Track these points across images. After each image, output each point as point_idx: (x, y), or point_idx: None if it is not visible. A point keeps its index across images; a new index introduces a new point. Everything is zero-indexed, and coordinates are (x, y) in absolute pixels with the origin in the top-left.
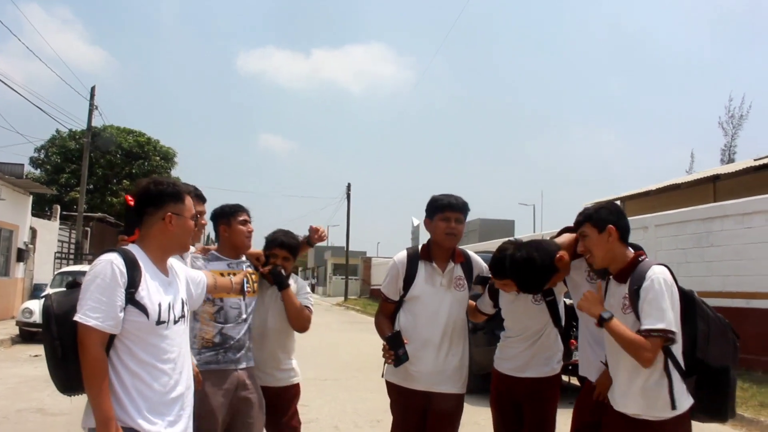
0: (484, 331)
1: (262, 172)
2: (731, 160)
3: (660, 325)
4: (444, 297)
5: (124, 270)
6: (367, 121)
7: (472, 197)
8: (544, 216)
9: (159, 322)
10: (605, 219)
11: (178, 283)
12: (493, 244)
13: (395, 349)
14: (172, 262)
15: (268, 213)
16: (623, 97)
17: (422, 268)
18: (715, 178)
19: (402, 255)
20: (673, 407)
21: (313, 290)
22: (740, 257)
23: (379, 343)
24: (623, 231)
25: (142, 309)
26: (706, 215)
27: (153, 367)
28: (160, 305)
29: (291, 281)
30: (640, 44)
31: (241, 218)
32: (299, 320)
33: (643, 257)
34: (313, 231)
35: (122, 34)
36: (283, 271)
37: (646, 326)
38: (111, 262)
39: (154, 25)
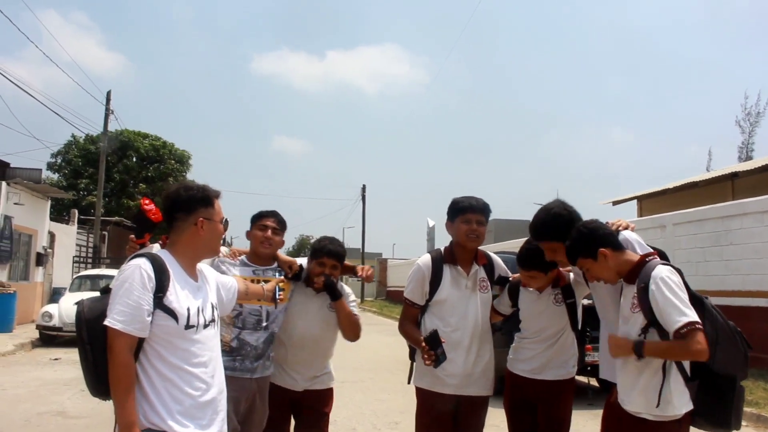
0: (502, 332)
1: (277, 175)
2: (749, 158)
3: (683, 320)
4: (470, 299)
5: (152, 274)
6: (382, 121)
7: (487, 197)
8: None
9: (188, 327)
10: (590, 246)
11: (208, 288)
12: (508, 245)
13: (434, 349)
14: (202, 266)
15: (284, 215)
16: (639, 95)
17: (447, 271)
18: (734, 176)
19: (426, 259)
20: (682, 405)
21: None
22: (760, 255)
23: (396, 344)
24: (611, 241)
25: (171, 313)
26: (724, 213)
27: (184, 371)
28: (189, 309)
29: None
30: (656, 42)
31: (261, 223)
32: (353, 330)
33: (650, 258)
34: (361, 270)
35: (138, 38)
36: (334, 281)
37: (672, 329)
38: (139, 266)
39: (170, 29)
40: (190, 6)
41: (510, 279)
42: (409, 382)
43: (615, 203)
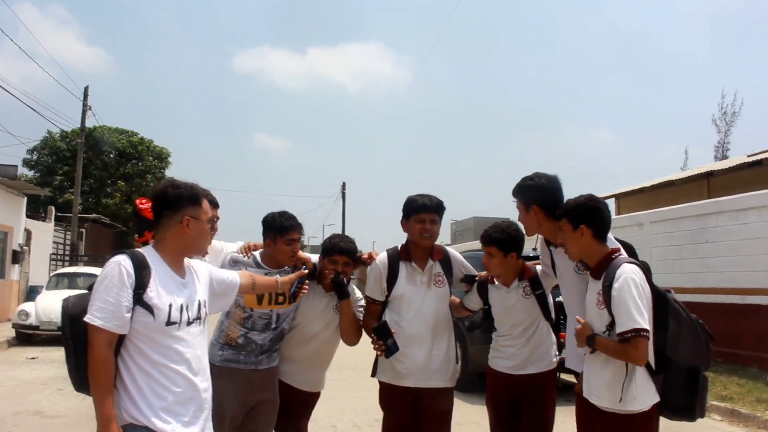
0: (482, 329)
1: (257, 171)
2: (725, 157)
3: (630, 326)
4: (426, 294)
5: (132, 271)
6: (363, 119)
7: (467, 195)
8: None
9: (169, 323)
10: (579, 217)
11: (196, 284)
12: None
13: (383, 340)
14: (195, 263)
15: (263, 212)
16: (618, 94)
17: (403, 268)
18: (709, 175)
19: (383, 256)
20: (648, 398)
21: None
22: (735, 253)
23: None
24: (599, 229)
25: (150, 309)
26: (700, 212)
27: (166, 367)
28: (170, 306)
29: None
30: (635, 43)
31: (288, 237)
32: (353, 335)
33: (617, 254)
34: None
35: (117, 33)
36: (345, 280)
37: (619, 331)
38: (119, 263)
39: (150, 24)
40: (173, 1)
41: (477, 277)
42: (372, 375)
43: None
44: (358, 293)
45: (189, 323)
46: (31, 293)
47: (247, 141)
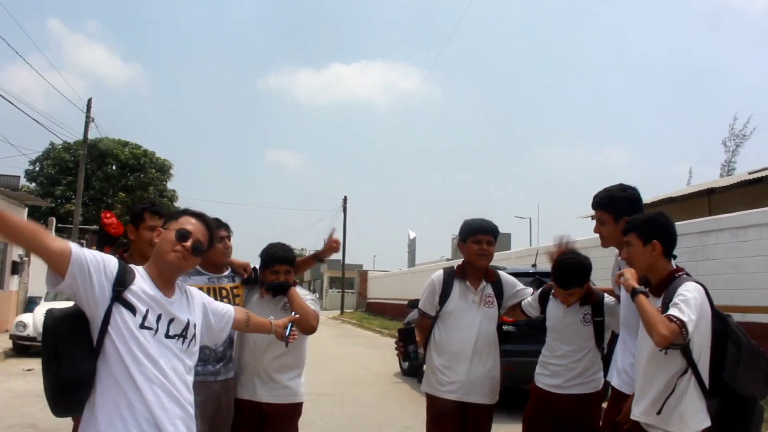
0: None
1: (260, 186)
2: (729, 176)
3: (680, 316)
4: (476, 313)
5: (115, 268)
6: (364, 134)
7: (469, 211)
8: (540, 229)
9: (143, 326)
10: (652, 232)
11: (185, 305)
12: None
13: (406, 345)
14: (192, 289)
15: (265, 226)
16: (626, 111)
17: (456, 285)
18: (710, 192)
19: (439, 273)
20: (698, 421)
21: None
22: (735, 271)
23: (376, 357)
24: (668, 245)
25: (130, 308)
26: (701, 228)
27: (139, 376)
28: (147, 311)
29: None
30: (644, 59)
31: (217, 235)
32: (305, 321)
33: (680, 274)
34: (330, 245)
35: (144, 52)
36: (277, 282)
37: (669, 313)
38: (107, 257)
39: (177, 43)
40: (194, 18)
41: (545, 285)
42: (419, 382)
43: (593, 218)
44: (303, 290)
45: (168, 336)
46: (30, 304)
47: (252, 155)
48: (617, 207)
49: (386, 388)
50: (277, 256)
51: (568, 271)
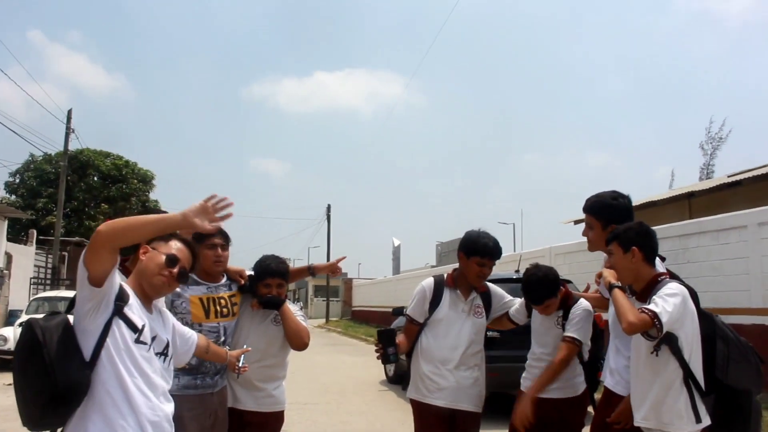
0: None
1: (245, 195)
2: (708, 179)
3: (652, 307)
4: (464, 322)
5: (118, 283)
6: (348, 142)
7: (453, 217)
8: (524, 235)
9: (139, 341)
10: (631, 240)
11: (162, 324)
12: None
13: (385, 346)
14: (164, 309)
15: (249, 235)
16: (608, 115)
17: (447, 294)
18: (690, 195)
19: (430, 281)
20: (698, 420)
21: None
22: (717, 273)
23: (362, 365)
24: (649, 252)
25: (129, 324)
26: (682, 232)
27: (136, 391)
28: (143, 327)
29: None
30: (625, 63)
31: (209, 242)
32: (298, 337)
33: (663, 277)
34: (333, 267)
35: (125, 59)
36: (270, 297)
37: (642, 306)
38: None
39: (153, 49)
40: (182, 23)
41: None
42: (404, 389)
43: (576, 222)
44: (294, 306)
45: (156, 353)
46: (11, 318)
47: (238, 165)
48: (606, 213)
49: (372, 396)
50: (270, 269)
51: (534, 286)
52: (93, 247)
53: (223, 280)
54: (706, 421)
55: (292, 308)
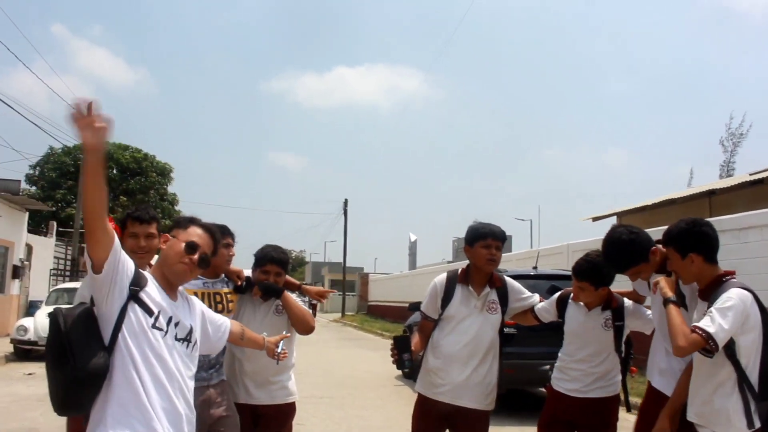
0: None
1: (261, 189)
2: (729, 176)
3: (705, 327)
4: (476, 318)
5: (134, 268)
6: (366, 136)
7: (470, 213)
8: (542, 231)
9: (155, 327)
10: (686, 246)
11: (188, 311)
12: None
13: (400, 353)
14: (193, 298)
15: (265, 229)
16: (628, 112)
17: (459, 290)
18: (711, 193)
19: (442, 277)
20: (750, 425)
21: (314, 308)
22: (737, 272)
23: (378, 360)
24: (708, 253)
25: (145, 308)
26: None
27: (151, 377)
28: (159, 312)
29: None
30: (646, 59)
31: (224, 242)
32: (304, 322)
33: (728, 277)
34: (321, 293)
35: (146, 52)
36: (271, 283)
37: (696, 324)
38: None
39: (174, 43)
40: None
41: (563, 290)
42: (414, 380)
43: (594, 219)
44: (294, 296)
45: (176, 339)
46: (31, 308)
47: (255, 158)
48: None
49: (387, 391)
50: (268, 256)
51: (583, 266)
52: (88, 232)
53: (221, 277)
54: (756, 425)
55: (292, 296)
